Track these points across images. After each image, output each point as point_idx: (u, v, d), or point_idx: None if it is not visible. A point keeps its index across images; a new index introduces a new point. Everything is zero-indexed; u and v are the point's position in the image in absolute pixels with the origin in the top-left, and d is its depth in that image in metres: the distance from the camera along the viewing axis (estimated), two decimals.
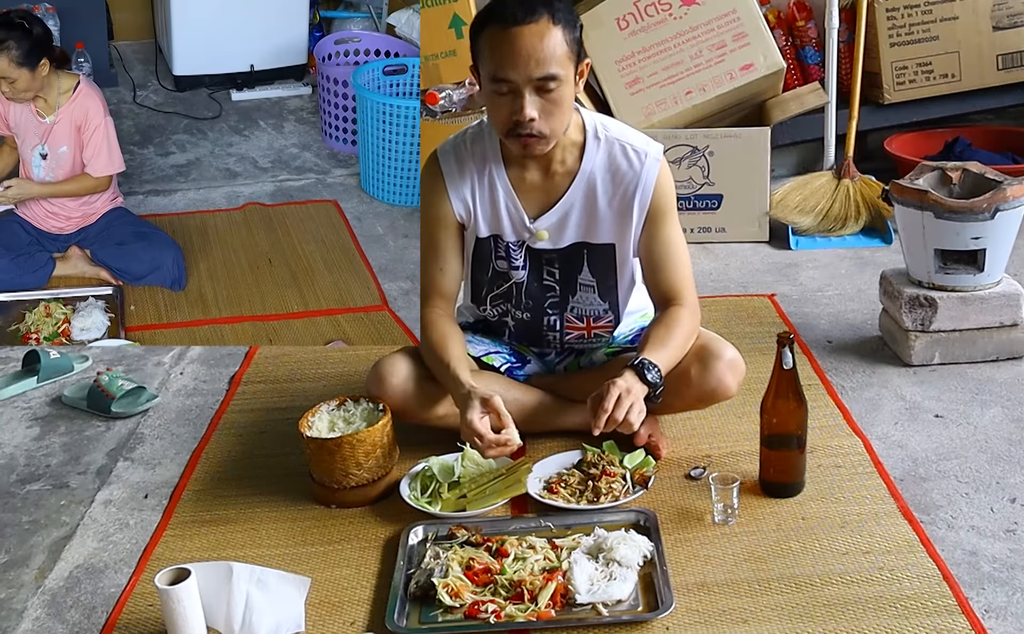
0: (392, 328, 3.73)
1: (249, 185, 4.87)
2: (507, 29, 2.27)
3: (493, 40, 2.29)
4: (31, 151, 4.01)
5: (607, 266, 2.54)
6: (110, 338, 3.67)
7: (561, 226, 2.50)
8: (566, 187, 2.48)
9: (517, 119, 2.31)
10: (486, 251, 2.56)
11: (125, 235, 4.10)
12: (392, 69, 4.83)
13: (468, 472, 2.48)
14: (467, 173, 2.50)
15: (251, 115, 5.41)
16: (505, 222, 2.51)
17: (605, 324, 2.63)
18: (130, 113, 5.18)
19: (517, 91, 2.29)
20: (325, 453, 2.42)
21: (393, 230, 4.42)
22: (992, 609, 2.07)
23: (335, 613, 2.13)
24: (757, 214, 4.01)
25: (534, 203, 2.50)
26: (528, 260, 2.55)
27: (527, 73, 2.27)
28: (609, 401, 2.26)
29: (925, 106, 4.35)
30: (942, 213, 2.93)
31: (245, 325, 3.76)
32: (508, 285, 2.59)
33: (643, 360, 2.34)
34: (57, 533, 2.45)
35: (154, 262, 4.03)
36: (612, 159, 2.46)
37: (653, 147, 2.48)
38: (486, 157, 2.49)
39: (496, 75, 2.30)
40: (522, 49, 2.26)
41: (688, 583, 2.15)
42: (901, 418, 2.75)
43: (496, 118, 2.37)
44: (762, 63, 3.99)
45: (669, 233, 2.50)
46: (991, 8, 4.24)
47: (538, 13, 2.27)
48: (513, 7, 2.28)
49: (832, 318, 3.33)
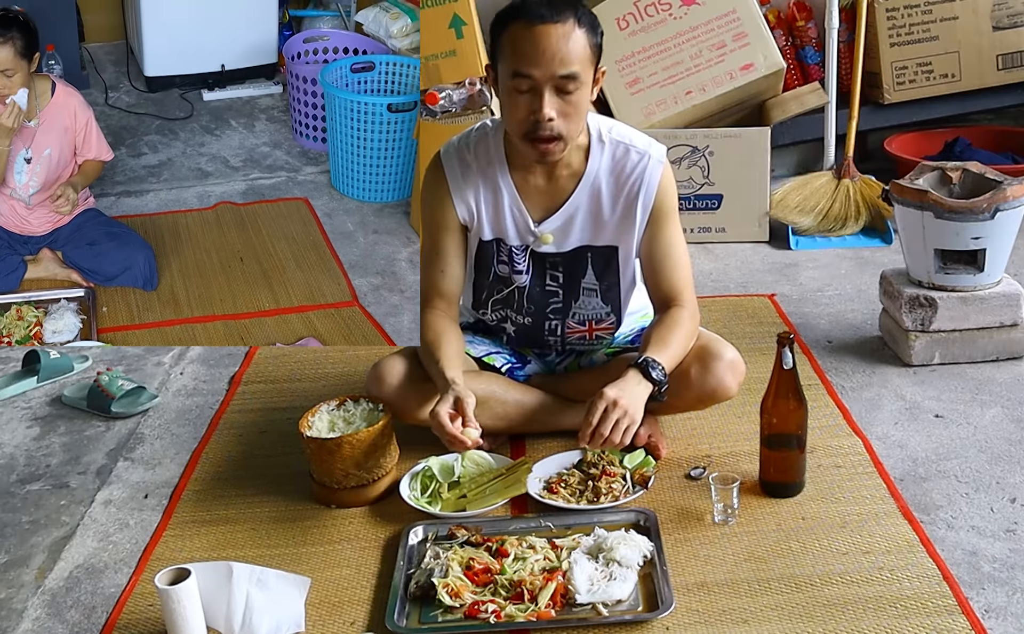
0: (363, 323, 3.75)
1: (221, 184, 4.90)
2: (533, 26, 2.28)
3: (517, 36, 2.30)
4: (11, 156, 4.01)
5: (610, 268, 2.54)
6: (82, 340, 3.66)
7: (566, 229, 2.50)
8: (571, 190, 2.47)
9: (536, 118, 2.31)
10: (488, 255, 2.55)
11: (97, 236, 4.10)
12: (360, 66, 4.85)
13: (468, 472, 2.48)
14: (471, 176, 2.49)
15: (222, 115, 5.43)
16: (509, 225, 2.50)
17: (607, 326, 2.63)
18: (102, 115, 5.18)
19: (537, 89, 2.29)
20: (325, 453, 2.42)
21: (363, 226, 4.46)
22: (992, 609, 2.07)
23: (335, 613, 2.13)
24: (757, 214, 4.01)
25: (539, 206, 2.50)
26: (531, 264, 2.54)
27: (550, 71, 2.28)
28: (595, 415, 2.26)
29: (925, 106, 4.35)
30: (942, 213, 2.93)
31: (217, 324, 3.78)
32: (509, 290, 2.58)
33: (647, 358, 2.34)
34: (57, 533, 2.45)
35: (126, 262, 4.04)
36: (616, 161, 2.46)
37: (656, 149, 2.48)
38: (491, 159, 2.49)
39: (518, 71, 2.30)
40: (547, 47, 2.27)
41: (688, 583, 2.15)
42: (901, 418, 2.76)
43: (513, 118, 2.36)
44: (762, 63, 3.99)
45: (671, 235, 2.50)
46: (991, 8, 4.24)
47: (565, 14, 2.29)
48: (540, 6, 2.29)
49: (832, 318, 3.33)
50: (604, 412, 2.26)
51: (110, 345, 3.52)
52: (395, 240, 4.32)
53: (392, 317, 3.78)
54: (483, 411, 2.57)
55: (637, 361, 2.35)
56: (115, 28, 5.87)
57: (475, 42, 3.76)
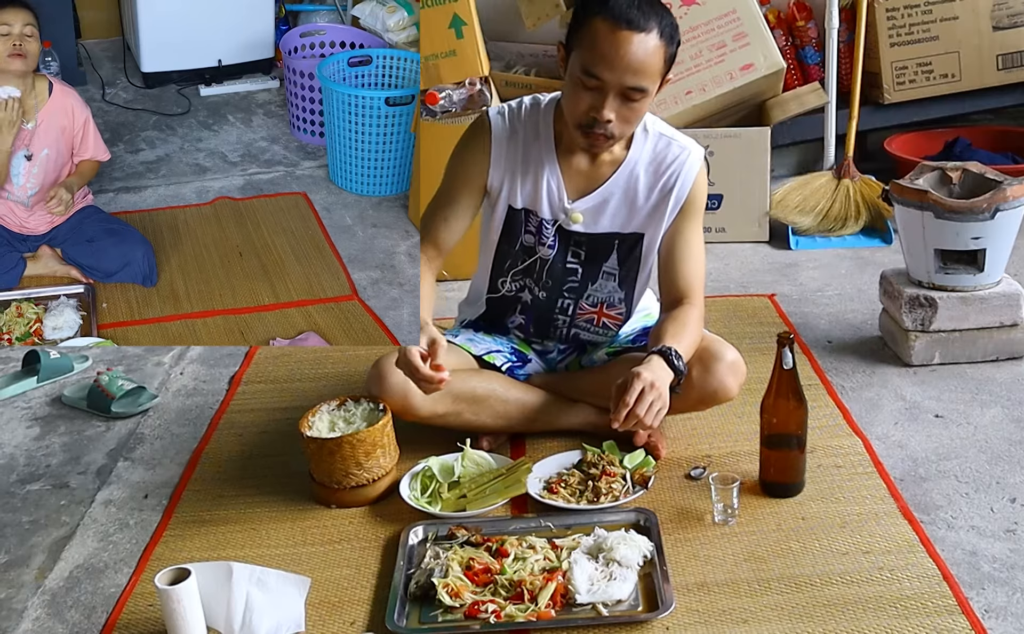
0: (362, 317, 3.74)
1: (219, 179, 4.88)
2: (618, 29, 2.25)
3: (600, 33, 2.27)
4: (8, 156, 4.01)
5: (632, 256, 2.56)
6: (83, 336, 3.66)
7: (598, 212, 2.52)
8: (609, 175, 2.49)
9: (595, 116, 2.32)
10: (517, 223, 2.55)
11: (96, 232, 4.10)
12: (357, 61, 4.84)
13: (468, 472, 2.48)
14: (516, 143, 2.50)
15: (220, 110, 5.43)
16: (544, 199, 2.51)
17: (616, 314, 2.63)
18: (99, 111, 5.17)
19: (603, 90, 2.30)
20: (325, 453, 2.42)
21: (362, 220, 4.45)
22: (992, 609, 2.07)
23: (335, 613, 2.13)
24: (757, 214, 4.01)
25: (576, 185, 2.51)
26: (558, 240, 2.55)
27: (621, 79, 2.28)
28: (631, 395, 2.22)
29: (925, 106, 4.35)
30: (942, 213, 2.93)
31: (217, 319, 3.77)
32: (531, 260, 2.58)
33: (669, 347, 2.32)
34: (57, 533, 2.45)
35: (125, 258, 4.04)
36: (657, 153, 2.49)
37: (696, 148, 2.52)
38: (538, 133, 2.50)
39: (589, 69, 2.29)
40: (624, 54, 2.26)
41: (688, 583, 2.15)
42: (901, 418, 2.75)
43: (573, 106, 2.36)
44: (762, 63, 3.99)
45: (694, 233, 2.52)
46: (991, 8, 4.24)
47: (651, 23, 2.27)
48: (629, 8, 2.26)
49: (832, 318, 3.34)
50: (641, 393, 2.23)
51: (110, 343, 3.51)
52: (394, 233, 4.32)
53: (392, 311, 3.76)
54: (483, 410, 2.58)
55: (660, 348, 2.32)
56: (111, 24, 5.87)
57: (475, 42, 3.76)
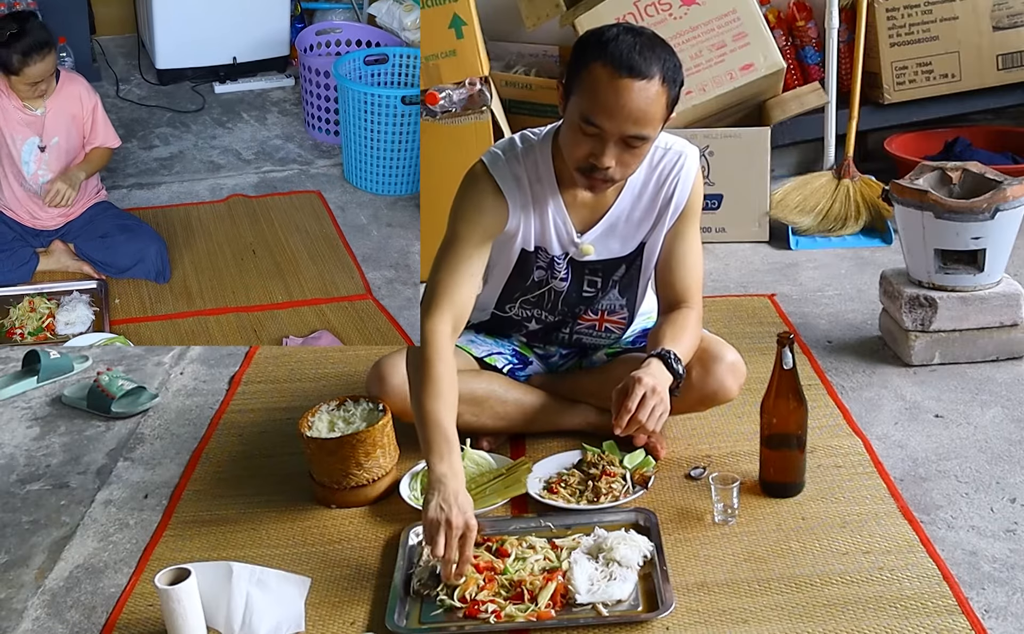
0: (376, 316, 3.74)
1: (233, 177, 4.88)
2: (618, 77, 2.16)
3: (598, 80, 2.18)
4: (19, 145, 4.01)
5: (635, 264, 2.54)
6: (95, 332, 3.67)
7: (607, 237, 2.48)
8: (613, 200, 2.45)
9: (594, 163, 2.25)
10: (530, 263, 2.52)
11: (109, 228, 4.11)
12: (373, 59, 4.84)
13: (468, 472, 2.47)
14: (523, 189, 2.42)
15: (234, 107, 5.42)
16: (552, 237, 2.47)
17: (619, 319, 2.62)
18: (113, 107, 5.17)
19: (603, 137, 2.22)
20: (325, 453, 2.42)
21: (376, 219, 4.45)
22: (992, 609, 2.07)
23: (335, 613, 2.13)
24: (757, 214, 4.01)
25: (581, 218, 2.46)
26: (571, 271, 2.53)
27: (622, 128, 2.20)
28: (633, 400, 2.21)
29: (925, 106, 4.35)
30: (942, 213, 2.93)
31: (230, 316, 3.78)
32: (543, 290, 2.56)
33: (668, 351, 2.31)
34: (57, 533, 2.45)
35: (138, 255, 4.04)
36: (654, 165, 2.44)
37: (691, 149, 2.48)
38: (540, 176, 2.42)
39: (589, 117, 2.20)
40: (625, 104, 2.17)
41: (688, 583, 2.15)
42: (901, 418, 2.76)
43: (572, 151, 2.29)
44: (762, 63, 3.99)
45: (692, 235, 2.50)
46: (991, 8, 4.23)
47: (652, 71, 2.17)
48: (630, 54, 2.16)
49: (832, 318, 3.34)
50: (643, 398, 2.21)
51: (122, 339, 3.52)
52: (408, 233, 4.31)
53: (406, 310, 3.76)
54: (483, 411, 2.58)
55: (658, 352, 2.32)
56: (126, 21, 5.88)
57: (475, 42, 3.76)
